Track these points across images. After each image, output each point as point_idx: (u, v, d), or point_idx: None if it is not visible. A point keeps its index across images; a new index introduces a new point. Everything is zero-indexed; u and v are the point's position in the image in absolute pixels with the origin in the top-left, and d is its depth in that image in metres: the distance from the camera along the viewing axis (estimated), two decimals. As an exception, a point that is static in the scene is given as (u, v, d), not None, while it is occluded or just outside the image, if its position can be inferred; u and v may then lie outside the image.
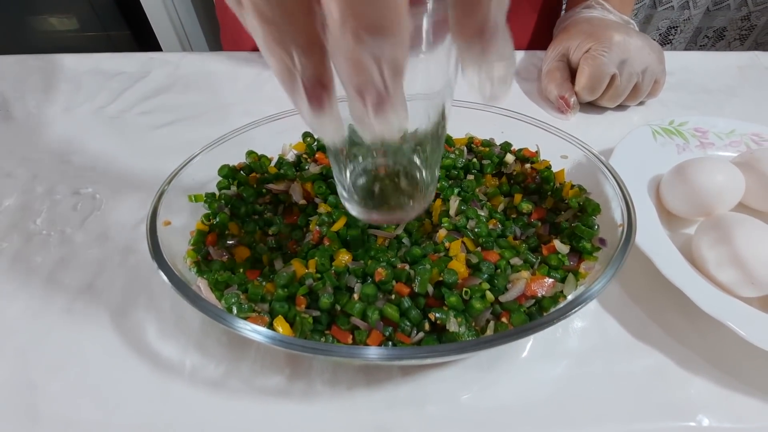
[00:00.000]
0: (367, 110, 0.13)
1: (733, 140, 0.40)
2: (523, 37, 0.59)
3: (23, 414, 0.26)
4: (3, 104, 0.50)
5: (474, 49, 0.14)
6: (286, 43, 0.13)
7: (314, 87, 0.14)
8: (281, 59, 0.13)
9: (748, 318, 0.27)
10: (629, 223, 0.26)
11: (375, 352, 0.21)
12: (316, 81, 0.14)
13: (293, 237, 0.30)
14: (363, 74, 0.12)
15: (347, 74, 0.13)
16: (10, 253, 0.34)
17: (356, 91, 0.13)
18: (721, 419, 0.26)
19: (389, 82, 0.13)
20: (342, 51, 0.12)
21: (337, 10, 0.11)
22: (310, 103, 0.14)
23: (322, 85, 0.14)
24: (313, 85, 0.14)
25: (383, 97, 0.13)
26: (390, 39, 0.12)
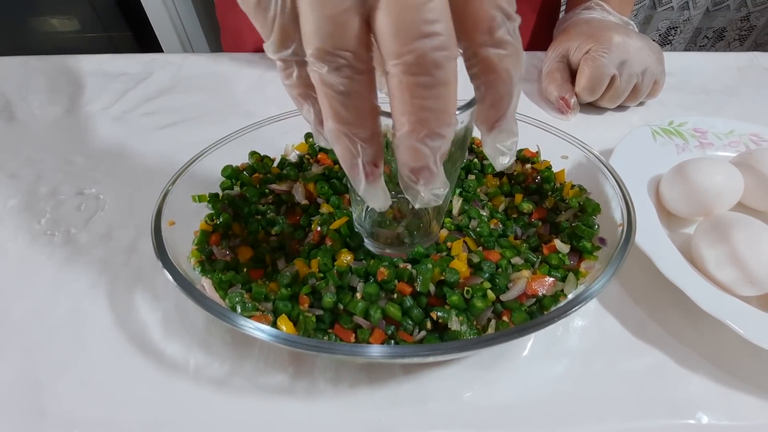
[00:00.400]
0: (419, 185, 0.17)
1: (732, 140, 0.40)
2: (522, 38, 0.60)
3: (30, 412, 0.26)
4: (7, 105, 0.51)
5: (493, 134, 0.18)
6: (352, 135, 0.16)
7: (371, 167, 0.17)
8: (347, 146, 0.17)
9: (746, 316, 0.27)
10: (629, 223, 0.27)
11: (377, 350, 0.21)
12: (372, 163, 0.17)
13: (296, 237, 0.31)
14: (421, 161, 0.16)
15: (407, 160, 0.16)
16: (15, 254, 0.35)
17: (411, 171, 0.17)
18: (720, 417, 0.26)
19: (439, 166, 0.17)
20: (406, 145, 0.16)
21: (408, 121, 0.15)
22: (366, 179, 0.18)
23: (375, 165, 0.18)
24: (370, 166, 0.17)
25: (433, 175, 0.17)
26: (442, 140, 0.16)
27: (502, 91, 0.17)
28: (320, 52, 0.15)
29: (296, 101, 0.18)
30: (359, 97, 0.16)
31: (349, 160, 0.17)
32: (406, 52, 0.14)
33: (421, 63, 0.14)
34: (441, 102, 0.15)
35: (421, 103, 0.15)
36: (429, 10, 0.14)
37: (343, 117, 0.16)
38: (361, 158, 0.17)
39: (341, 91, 0.15)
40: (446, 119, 0.15)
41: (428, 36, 0.14)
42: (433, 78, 0.14)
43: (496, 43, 0.16)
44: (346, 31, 0.14)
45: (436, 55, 0.14)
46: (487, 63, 0.16)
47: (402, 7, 0.14)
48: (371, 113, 0.16)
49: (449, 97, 0.15)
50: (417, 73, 0.14)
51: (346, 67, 0.15)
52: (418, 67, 0.14)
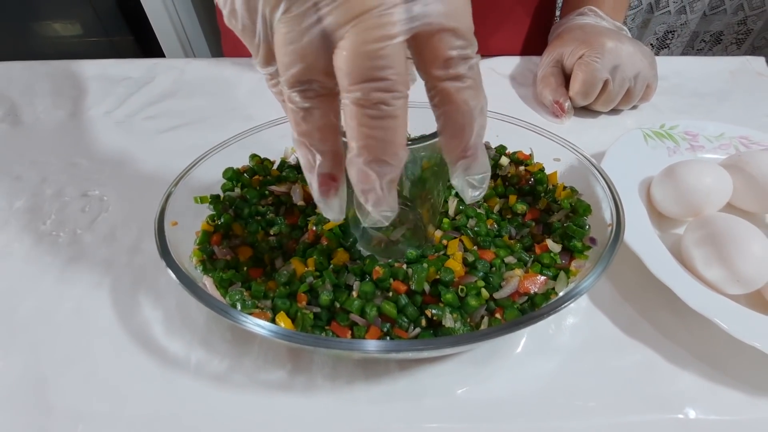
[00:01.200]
0: (368, 205, 0.18)
1: (722, 143, 0.41)
2: (517, 43, 0.61)
3: (36, 407, 0.27)
4: (12, 109, 0.51)
5: (459, 166, 0.20)
6: (311, 147, 0.18)
7: (325, 180, 0.19)
8: (306, 155, 0.19)
9: (733, 314, 0.28)
10: (618, 223, 0.27)
11: (373, 344, 0.22)
12: (328, 176, 0.19)
13: (293, 237, 0.31)
14: (368, 183, 0.17)
15: (357, 181, 0.18)
16: (21, 254, 0.36)
17: (361, 191, 0.18)
18: (708, 412, 0.26)
19: (385, 191, 0.18)
20: (355, 167, 0.17)
21: (356, 146, 0.17)
22: (320, 189, 0.19)
23: (332, 179, 0.19)
24: (324, 178, 0.19)
25: (380, 198, 0.18)
26: (389, 167, 0.17)
27: (461, 122, 0.18)
28: (290, 79, 0.17)
29: (282, 105, 0.20)
30: (319, 115, 0.17)
31: (307, 169, 0.19)
32: (355, 89, 0.16)
33: (368, 99, 0.16)
34: (387, 133, 0.16)
35: (368, 132, 0.16)
36: (381, 56, 0.15)
37: (303, 130, 0.18)
38: (316, 169, 0.19)
39: (303, 108, 0.17)
40: (392, 149, 0.17)
41: (377, 80, 0.15)
42: (379, 112, 0.16)
43: (453, 76, 0.17)
44: (311, 64, 0.16)
45: (382, 95, 0.16)
46: (445, 94, 0.17)
47: (356, 53, 0.15)
48: (330, 131, 0.18)
49: (396, 129, 0.16)
50: (364, 106, 0.16)
51: (310, 91, 0.17)
52: (366, 101, 0.16)
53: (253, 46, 0.18)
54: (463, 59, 0.17)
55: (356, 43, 0.15)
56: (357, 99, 0.16)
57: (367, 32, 0.15)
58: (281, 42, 0.16)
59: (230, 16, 0.18)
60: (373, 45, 0.15)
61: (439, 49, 0.16)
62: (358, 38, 0.15)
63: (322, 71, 0.17)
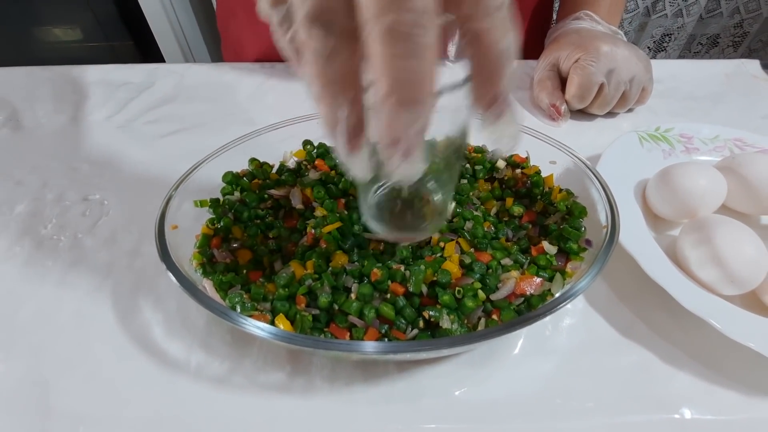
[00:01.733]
0: (395, 157, 0.16)
1: (717, 145, 0.42)
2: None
3: (36, 410, 0.27)
4: (13, 114, 0.52)
5: (489, 115, 0.18)
6: (337, 97, 0.17)
7: (353, 133, 0.17)
8: (329, 108, 0.17)
9: (728, 315, 0.28)
10: (613, 225, 0.28)
11: (371, 346, 0.22)
12: (355, 129, 0.17)
13: (292, 240, 0.32)
14: (398, 130, 0.16)
15: (385, 128, 0.16)
16: (22, 258, 0.36)
17: (389, 142, 0.16)
18: (703, 412, 0.27)
19: (415, 139, 0.16)
20: (384, 111, 0.16)
21: (386, 85, 0.15)
22: (348, 145, 0.18)
23: (357, 133, 0.18)
24: (353, 132, 0.17)
25: (410, 149, 0.16)
26: (420, 111, 0.15)
27: (493, 64, 0.17)
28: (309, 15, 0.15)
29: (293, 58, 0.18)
30: (344, 58, 0.16)
31: (331, 122, 0.17)
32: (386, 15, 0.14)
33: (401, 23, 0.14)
34: (421, 65, 0.15)
35: (400, 64, 0.15)
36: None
37: (327, 77, 0.16)
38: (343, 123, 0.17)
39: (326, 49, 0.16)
40: (424, 88, 0.15)
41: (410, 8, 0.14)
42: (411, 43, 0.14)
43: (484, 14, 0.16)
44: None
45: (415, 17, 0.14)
46: (475, 34, 0.16)
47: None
48: (355, 77, 0.16)
49: (428, 63, 0.15)
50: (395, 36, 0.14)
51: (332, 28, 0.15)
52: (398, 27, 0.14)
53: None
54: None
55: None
56: (388, 26, 0.14)
57: None
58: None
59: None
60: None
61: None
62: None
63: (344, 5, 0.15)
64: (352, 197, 0.34)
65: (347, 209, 0.32)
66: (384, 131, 0.16)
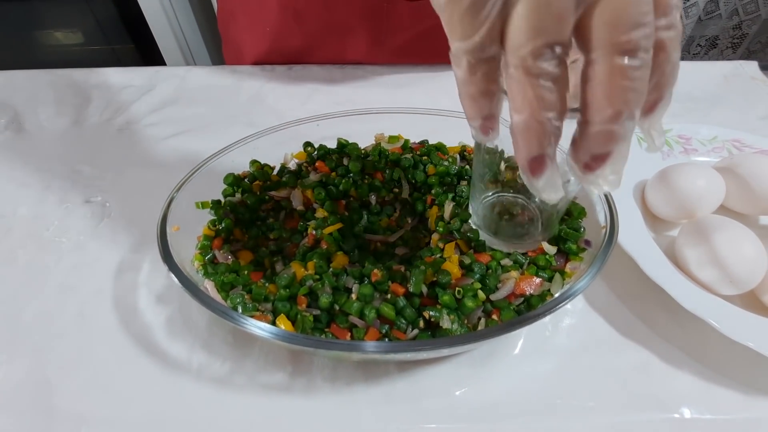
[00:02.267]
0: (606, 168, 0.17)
1: (715, 146, 0.42)
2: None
3: (40, 410, 0.27)
4: (16, 117, 0.52)
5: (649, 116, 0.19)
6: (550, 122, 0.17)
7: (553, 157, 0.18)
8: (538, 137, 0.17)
9: (727, 315, 0.28)
10: (611, 225, 0.28)
11: (372, 345, 0.23)
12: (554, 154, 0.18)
13: (293, 241, 0.32)
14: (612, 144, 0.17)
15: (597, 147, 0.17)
16: (25, 260, 0.36)
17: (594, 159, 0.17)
18: (703, 411, 0.27)
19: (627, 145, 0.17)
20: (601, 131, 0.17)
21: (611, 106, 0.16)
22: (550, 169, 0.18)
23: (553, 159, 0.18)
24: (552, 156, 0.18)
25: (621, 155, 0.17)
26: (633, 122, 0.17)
27: (668, 71, 0.18)
28: (538, 48, 0.16)
29: (471, 99, 0.19)
30: (564, 83, 0.17)
31: (536, 150, 0.18)
32: (624, 41, 0.15)
33: (637, 45, 0.15)
34: (643, 84, 0.16)
35: (629, 84, 0.16)
36: (646, 4, 0.15)
37: (548, 102, 0.17)
38: (549, 148, 0.17)
39: (551, 78, 0.16)
40: (641, 101, 0.16)
41: (642, 26, 0.15)
42: (639, 62, 0.16)
43: (668, 25, 0.17)
44: (565, 27, 0.16)
45: (647, 42, 0.16)
46: (660, 44, 0.17)
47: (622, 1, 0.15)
48: (566, 104, 0.17)
49: (647, 79, 0.16)
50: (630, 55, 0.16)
51: (556, 58, 0.16)
52: (634, 48, 0.15)
53: (475, 25, 0.17)
54: (678, 8, 0.17)
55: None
56: (624, 48, 0.15)
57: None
58: (535, 2, 0.16)
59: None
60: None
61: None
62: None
63: (569, 32, 0.16)
64: (352, 198, 0.34)
65: (347, 210, 0.33)
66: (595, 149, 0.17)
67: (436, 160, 0.35)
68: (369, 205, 0.34)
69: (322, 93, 0.55)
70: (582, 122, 0.17)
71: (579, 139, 0.18)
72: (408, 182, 0.35)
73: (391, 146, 0.37)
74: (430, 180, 0.34)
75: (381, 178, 0.35)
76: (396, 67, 0.58)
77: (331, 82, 0.56)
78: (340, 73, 0.57)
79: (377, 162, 0.35)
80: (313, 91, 0.55)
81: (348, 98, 0.54)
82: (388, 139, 0.38)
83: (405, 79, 0.56)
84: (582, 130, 0.17)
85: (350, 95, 0.54)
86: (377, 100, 0.53)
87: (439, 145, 0.37)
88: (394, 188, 0.35)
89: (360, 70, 0.57)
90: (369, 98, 0.54)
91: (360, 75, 0.57)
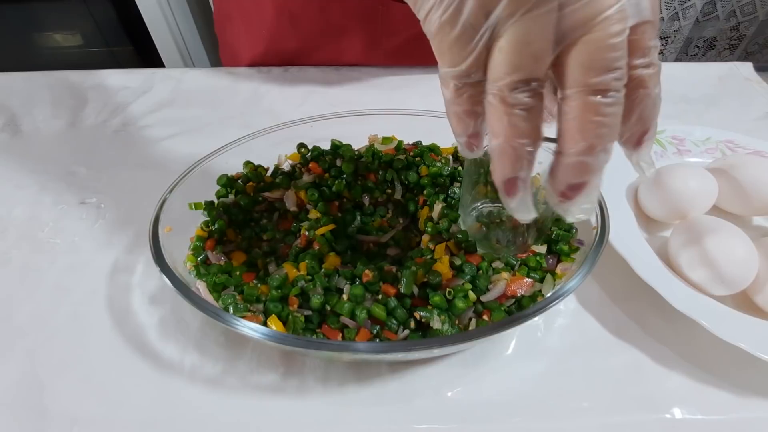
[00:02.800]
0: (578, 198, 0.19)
1: (708, 147, 0.42)
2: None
3: (32, 410, 0.27)
4: (12, 119, 0.52)
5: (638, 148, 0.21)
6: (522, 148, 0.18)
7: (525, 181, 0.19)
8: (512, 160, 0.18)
9: (718, 315, 0.28)
10: (602, 226, 0.28)
11: (363, 345, 0.23)
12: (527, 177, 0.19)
13: (286, 242, 0.32)
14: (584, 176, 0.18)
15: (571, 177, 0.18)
16: (19, 261, 0.36)
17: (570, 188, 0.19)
18: (694, 411, 0.27)
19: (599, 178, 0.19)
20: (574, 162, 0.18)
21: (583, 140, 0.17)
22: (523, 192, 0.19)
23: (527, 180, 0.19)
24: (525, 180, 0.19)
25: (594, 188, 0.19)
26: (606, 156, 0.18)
27: (651, 105, 0.19)
28: (517, 79, 0.17)
29: (457, 118, 0.20)
30: (537, 113, 0.18)
31: (509, 173, 0.19)
32: (597, 80, 0.17)
33: (606, 89, 0.17)
34: (615, 120, 0.17)
35: (600, 120, 0.17)
36: (617, 48, 0.17)
37: (521, 131, 0.18)
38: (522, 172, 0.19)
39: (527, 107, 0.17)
40: (614, 136, 0.18)
41: (613, 70, 0.17)
42: (611, 100, 0.17)
43: (648, 64, 0.19)
44: (542, 62, 0.17)
45: (617, 83, 0.17)
46: (639, 81, 0.19)
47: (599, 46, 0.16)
48: (540, 133, 0.18)
49: (620, 114, 0.18)
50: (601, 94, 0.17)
51: (531, 91, 0.17)
52: (604, 90, 0.17)
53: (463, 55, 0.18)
54: (656, 48, 0.19)
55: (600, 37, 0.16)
56: (596, 88, 0.17)
57: (608, 27, 0.16)
58: (515, 41, 0.17)
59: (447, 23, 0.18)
60: (613, 39, 0.16)
61: (642, 40, 0.18)
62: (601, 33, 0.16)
63: (545, 70, 0.17)
64: (345, 200, 0.34)
65: (340, 212, 0.33)
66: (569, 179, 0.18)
67: (429, 161, 0.35)
68: (362, 206, 0.34)
69: (318, 94, 0.55)
70: (557, 153, 0.18)
71: (555, 169, 0.19)
72: (401, 183, 0.35)
73: (384, 147, 0.37)
74: (422, 181, 0.34)
75: (374, 179, 0.35)
76: (391, 69, 0.58)
77: (327, 83, 0.56)
78: (336, 74, 0.58)
79: (370, 163, 0.35)
80: (309, 92, 0.55)
81: (344, 99, 0.54)
82: (381, 141, 0.38)
83: (400, 81, 0.56)
84: (557, 160, 0.18)
85: (346, 97, 0.55)
86: (373, 101, 0.53)
87: (432, 147, 0.38)
88: (387, 189, 0.35)
89: (356, 72, 0.58)
90: (365, 99, 0.54)
91: (356, 77, 0.57)
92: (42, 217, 0.40)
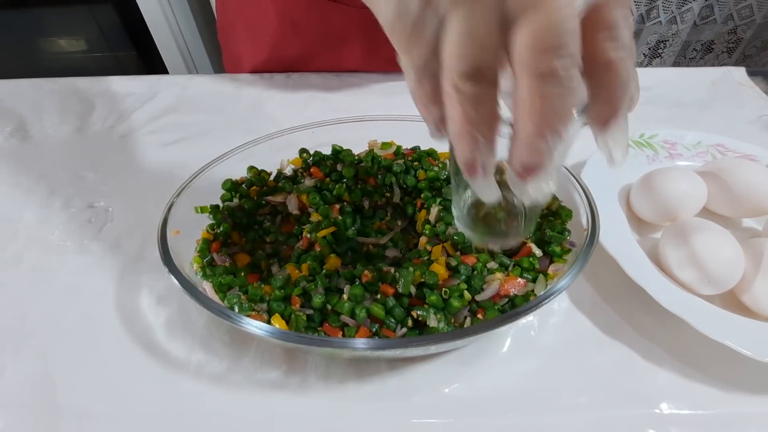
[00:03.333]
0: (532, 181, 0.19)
1: (699, 151, 0.43)
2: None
3: (46, 406, 0.28)
4: (21, 125, 0.54)
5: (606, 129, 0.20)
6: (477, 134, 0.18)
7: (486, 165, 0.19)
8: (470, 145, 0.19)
9: (706, 314, 0.29)
10: (593, 227, 0.29)
11: (362, 342, 0.24)
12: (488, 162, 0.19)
13: (288, 244, 0.33)
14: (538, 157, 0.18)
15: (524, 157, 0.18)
16: (30, 263, 0.37)
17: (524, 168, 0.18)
18: (682, 407, 0.28)
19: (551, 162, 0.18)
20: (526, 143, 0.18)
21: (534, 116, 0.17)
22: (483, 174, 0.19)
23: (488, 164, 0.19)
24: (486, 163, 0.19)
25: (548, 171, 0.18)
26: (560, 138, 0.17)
27: (618, 90, 0.19)
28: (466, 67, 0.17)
29: (422, 105, 0.20)
30: (489, 101, 0.18)
31: (469, 158, 0.19)
32: (542, 65, 0.16)
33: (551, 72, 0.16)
34: (566, 101, 0.17)
35: (547, 102, 0.17)
36: (565, 32, 0.16)
37: (473, 119, 0.18)
38: (480, 156, 0.19)
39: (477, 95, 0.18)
40: (567, 119, 0.17)
41: (561, 47, 0.16)
42: (559, 81, 0.16)
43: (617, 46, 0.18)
44: (488, 49, 0.17)
45: (565, 62, 0.16)
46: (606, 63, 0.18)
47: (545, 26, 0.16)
48: (496, 117, 0.19)
49: (572, 99, 0.17)
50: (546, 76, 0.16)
51: (482, 79, 0.17)
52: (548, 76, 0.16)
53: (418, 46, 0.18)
54: (625, 27, 0.18)
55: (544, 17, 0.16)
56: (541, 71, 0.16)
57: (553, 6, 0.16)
58: (459, 31, 0.17)
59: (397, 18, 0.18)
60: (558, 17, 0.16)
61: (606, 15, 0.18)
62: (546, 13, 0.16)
63: (495, 57, 0.17)
64: (345, 203, 0.35)
65: (341, 214, 0.34)
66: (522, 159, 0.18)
67: (427, 165, 0.37)
68: (362, 209, 0.35)
69: (320, 100, 0.56)
70: (512, 135, 0.19)
71: (511, 149, 0.19)
72: (399, 187, 0.36)
73: (383, 152, 0.38)
74: (420, 185, 0.35)
75: (374, 183, 0.36)
76: (391, 75, 0.59)
77: (328, 89, 0.58)
78: (337, 81, 0.59)
79: (370, 168, 0.36)
80: (311, 98, 0.57)
81: (344, 105, 0.55)
82: (381, 146, 0.39)
83: (400, 87, 0.57)
84: (512, 142, 0.19)
85: (347, 102, 0.56)
86: (373, 106, 0.54)
87: (430, 151, 0.39)
88: (386, 193, 0.36)
89: (356, 78, 0.59)
90: (365, 105, 0.55)
91: (356, 83, 0.58)
92: (52, 221, 0.41)
